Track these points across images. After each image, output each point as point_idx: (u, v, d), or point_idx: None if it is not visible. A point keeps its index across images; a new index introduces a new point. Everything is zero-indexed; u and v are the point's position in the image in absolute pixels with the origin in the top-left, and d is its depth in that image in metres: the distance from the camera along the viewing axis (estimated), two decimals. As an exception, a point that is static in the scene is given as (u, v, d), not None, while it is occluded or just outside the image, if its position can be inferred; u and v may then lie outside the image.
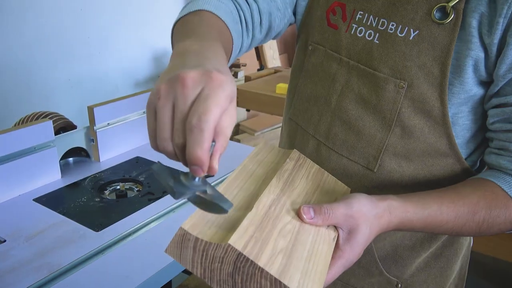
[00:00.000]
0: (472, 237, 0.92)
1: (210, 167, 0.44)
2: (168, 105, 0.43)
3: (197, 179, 0.47)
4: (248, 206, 0.57)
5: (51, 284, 0.91)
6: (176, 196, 0.47)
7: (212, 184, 0.50)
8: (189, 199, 0.49)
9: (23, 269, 0.95)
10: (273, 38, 0.84)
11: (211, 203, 0.49)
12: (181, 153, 0.44)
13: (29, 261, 0.98)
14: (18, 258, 0.99)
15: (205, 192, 0.48)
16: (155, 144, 0.46)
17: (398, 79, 0.67)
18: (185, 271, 1.86)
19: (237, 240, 0.49)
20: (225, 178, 0.62)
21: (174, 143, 0.44)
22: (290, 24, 0.85)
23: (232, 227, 0.52)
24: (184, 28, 0.61)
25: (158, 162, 0.50)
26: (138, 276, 0.94)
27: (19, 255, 1.00)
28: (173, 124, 0.43)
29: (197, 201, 0.49)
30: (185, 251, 0.51)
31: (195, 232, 0.50)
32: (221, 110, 0.43)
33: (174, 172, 0.48)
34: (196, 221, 0.52)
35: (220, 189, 0.54)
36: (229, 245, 0.48)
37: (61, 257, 0.99)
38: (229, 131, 0.44)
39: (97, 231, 1.09)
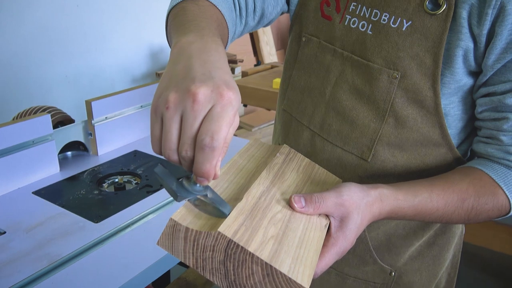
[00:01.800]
0: (464, 226, 0.94)
1: (214, 176, 0.46)
2: (176, 118, 0.45)
3: (198, 184, 0.49)
4: (237, 198, 0.58)
5: (51, 274, 0.93)
6: (178, 199, 0.49)
7: None
8: (190, 201, 0.52)
9: (23, 260, 0.96)
10: (265, 26, 0.85)
11: (211, 207, 0.52)
12: (188, 164, 0.46)
13: (29, 252, 0.99)
14: (18, 249, 1.00)
15: (206, 196, 0.51)
16: (159, 150, 0.48)
17: (391, 70, 0.68)
18: (184, 264, 1.88)
19: (226, 228, 0.49)
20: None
21: (180, 155, 0.46)
22: (283, 13, 0.86)
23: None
24: (182, 17, 0.61)
25: (160, 164, 0.52)
26: (137, 266, 0.95)
27: (19, 247, 1.01)
28: (180, 136, 0.45)
29: (198, 204, 0.53)
30: (176, 242, 0.52)
31: (185, 223, 0.51)
32: (230, 126, 0.45)
33: (175, 173, 0.50)
34: (186, 212, 0.53)
35: (210, 183, 0.55)
36: (219, 232, 0.49)
37: (61, 248, 1.00)
38: (231, 139, 0.46)
39: (96, 222, 1.10)
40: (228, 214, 0.52)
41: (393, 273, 0.83)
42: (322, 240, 0.58)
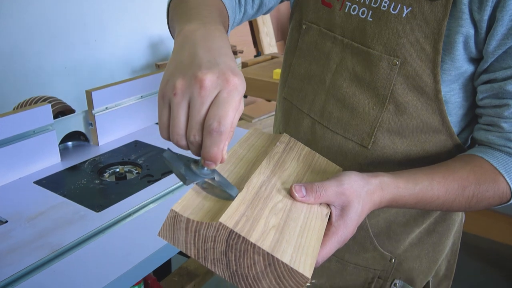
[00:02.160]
0: (464, 214, 0.94)
1: (221, 159, 0.48)
2: (184, 104, 0.46)
3: (206, 168, 0.50)
4: (238, 187, 0.57)
5: (53, 262, 0.93)
6: (186, 182, 0.51)
7: None
8: (198, 185, 0.54)
9: (25, 249, 0.97)
10: (264, 13, 0.85)
11: (218, 190, 0.54)
12: (196, 148, 0.48)
13: (31, 240, 1.00)
14: (20, 239, 1.00)
15: (213, 179, 0.53)
16: (167, 135, 0.49)
17: (391, 56, 0.68)
18: (185, 254, 1.88)
19: (228, 219, 0.49)
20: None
21: (189, 140, 0.47)
22: (282, 1, 0.86)
23: (222, 207, 0.53)
24: (184, 6, 0.61)
25: (168, 149, 0.53)
26: (138, 254, 0.96)
27: (21, 235, 1.01)
28: (188, 121, 0.47)
29: (206, 187, 0.54)
30: (177, 233, 0.52)
31: (186, 213, 0.51)
32: (236, 111, 0.47)
33: (182, 158, 0.52)
34: (186, 203, 0.53)
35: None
36: (220, 223, 0.49)
37: (62, 236, 1.01)
38: (236, 124, 0.48)
39: (97, 211, 1.10)
40: (235, 196, 0.53)
41: (393, 260, 0.83)
42: (323, 229, 0.58)
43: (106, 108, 1.46)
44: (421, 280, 0.87)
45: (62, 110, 1.48)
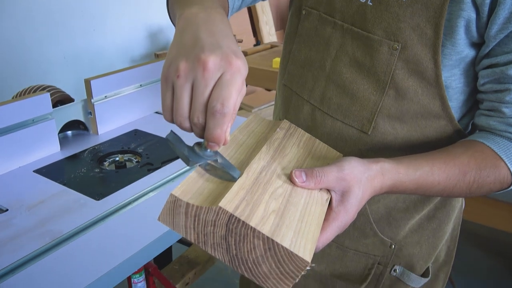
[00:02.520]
0: (464, 200, 0.94)
1: (224, 141, 0.49)
2: (187, 86, 0.47)
3: (209, 149, 0.51)
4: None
5: (54, 250, 0.94)
6: (190, 164, 0.51)
7: None
8: (201, 166, 0.55)
9: (26, 236, 0.97)
10: (263, 0, 0.85)
11: (221, 171, 0.54)
12: (199, 130, 0.49)
13: (31, 228, 1.00)
14: (21, 226, 1.01)
15: (216, 161, 0.53)
16: (171, 118, 0.50)
17: (392, 41, 0.68)
18: (185, 242, 1.89)
19: (227, 203, 0.49)
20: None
21: (192, 121, 0.48)
22: None
23: (222, 192, 0.53)
24: None
25: (172, 131, 0.53)
26: (138, 242, 0.96)
27: (22, 224, 1.02)
28: (191, 103, 0.47)
29: (209, 168, 0.55)
30: (177, 217, 0.52)
31: (186, 198, 0.51)
32: (239, 94, 0.47)
33: (186, 140, 0.52)
34: (186, 188, 0.53)
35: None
36: (220, 207, 0.49)
37: (63, 224, 1.01)
38: (239, 106, 0.48)
39: (98, 200, 1.11)
40: (238, 178, 0.54)
41: (393, 245, 0.83)
42: (324, 214, 0.58)
43: (105, 97, 1.45)
44: (421, 266, 0.87)
45: (61, 99, 1.47)
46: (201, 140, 0.51)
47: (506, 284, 2.23)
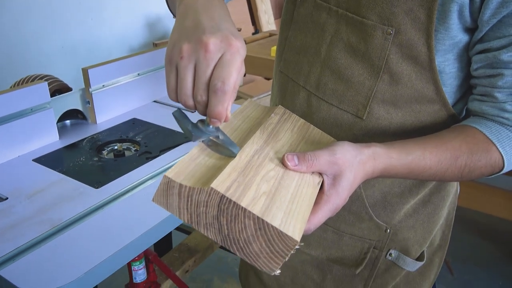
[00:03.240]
0: (459, 185, 0.95)
1: (226, 118, 0.52)
2: (190, 66, 0.50)
3: (211, 126, 0.54)
4: (231, 157, 0.58)
5: (54, 237, 0.95)
6: (193, 139, 0.55)
7: None
8: (203, 142, 0.58)
9: (25, 224, 0.98)
10: None
11: (222, 147, 0.58)
12: (202, 108, 0.52)
13: (31, 216, 1.01)
14: (21, 215, 1.02)
15: (217, 137, 0.57)
16: (175, 97, 0.53)
17: (385, 26, 0.68)
18: (185, 231, 1.91)
19: (219, 184, 0.51)
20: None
21: (195, 99, 0.51)
22: None
23: (214, 174, 0.54)
24: None
25: (178, 109, 0.57)
26: (136, 229, 0.97)
27: (21, 212, 1.03)
28: (194, 83, 0.51)
29: (210, 144, 0.58)
30: (170, 198, 0.53)
31: (179, 179, 0.52)
32: (239, 73, 0.50)
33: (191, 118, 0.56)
34: (179, 170, 0.54)
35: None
36: (212, 188, 0.50)
37: (62, 212, 1.02)
38: (239, 85, 0.52)
39: (97, 188, 1.11)
40: (237, 153, 0.57)
41: (388, 230, 0.84)
42: (315, 196, 0.59)
43: (103, 86, 1.45)
44: (416, 250, 0.88)
45: (59, 88, 1.48)
46: (204, 117, 0.54)
47: (502, 270, 2.26)
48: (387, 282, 0.89)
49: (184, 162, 0.55)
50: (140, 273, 1.29)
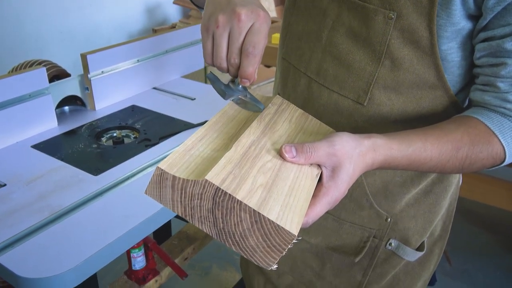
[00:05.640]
0: (461, 176, 0.94)
1: (254, 78, 0.60)
2: (225, 34, 0.58)
3: (240, 86, 0.62)
4: (227, 147, 0.57)
5: (53, 224, 0.94)
6: (226, 97, 0.63)
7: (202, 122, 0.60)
8: (233, 100, 0.66)
9: (24, 211, 0.98)
10: None
11: (249, 103, 0.66)
12: (234, 69, 0.60)
13: (30, 203, 1.01)
14: (19, 201, 1.01)
15: (245, 96, 0.65)
16: (211, 60, 0.61)
17: (387, 10, 0.67)
18: (184, 219, 1.91)
19: (214, 176, 0.49)
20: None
21: (229, 62, 0.59)
22: None
23: (209, 166, 0.52)
24: None
25: (211, 72, 0.65)
26: (136, 217, 0.97)
27: (20, 198, 1.02)
28: (228, 48, 0.59)
29: (239, 102, 0.66)
30: (164, 190, 0.51)
31: (172, 171, 0.51)
32: (266, 39, 0.59)
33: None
34: (173, 161, 0.52)
35: (200, 132, 0.60)
36: (206, 180, 0.48)
37: (61, 199, 1.02)
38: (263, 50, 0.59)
39: (96, 175, 1.11)
40: (262, 109, 0.65)
41: (389, 219, 0.84)
42: (313, 189, 0.57)
43: (102, 72, 1.44)
44: (416, 240, 0.88)
45: (57, 74, 1.46)
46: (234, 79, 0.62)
47: (501, 260, 2.26)
48: (387, 272, 0.89)
49: (177, 153, 0.54)
50: (139, 261, 1.29)
